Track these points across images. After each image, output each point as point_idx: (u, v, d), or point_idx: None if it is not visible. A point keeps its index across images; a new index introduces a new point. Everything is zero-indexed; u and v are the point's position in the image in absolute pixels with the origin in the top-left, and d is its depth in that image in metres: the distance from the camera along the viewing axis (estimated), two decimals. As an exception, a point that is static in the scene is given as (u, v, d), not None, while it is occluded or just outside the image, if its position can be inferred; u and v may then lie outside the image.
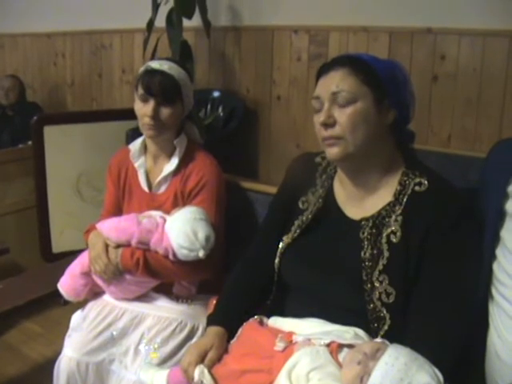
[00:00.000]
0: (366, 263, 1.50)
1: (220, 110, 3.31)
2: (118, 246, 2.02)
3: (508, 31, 2.46)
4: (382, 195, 1.57)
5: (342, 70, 1.53)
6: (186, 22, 3.15)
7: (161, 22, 3.16)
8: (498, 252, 1.50)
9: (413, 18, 2.72)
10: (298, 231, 1.67)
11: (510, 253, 1.46)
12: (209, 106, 3.35)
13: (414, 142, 1.68)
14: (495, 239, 1.51)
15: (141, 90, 2.06)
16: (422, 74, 2.71)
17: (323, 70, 1.59)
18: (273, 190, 1.93)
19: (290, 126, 3.26)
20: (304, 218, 1.68)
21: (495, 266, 1.51)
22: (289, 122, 3.26)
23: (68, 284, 2.15)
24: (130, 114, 2.20)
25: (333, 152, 1.53)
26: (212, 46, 3.52)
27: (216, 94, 3.40)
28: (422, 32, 2.71)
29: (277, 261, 1.70)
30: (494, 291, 1.50)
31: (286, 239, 1.69)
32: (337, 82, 1.52)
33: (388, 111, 1.54)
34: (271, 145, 3.36)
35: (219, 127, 3.24)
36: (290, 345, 1.42)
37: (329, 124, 1.51)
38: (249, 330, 1.58)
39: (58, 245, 3.24)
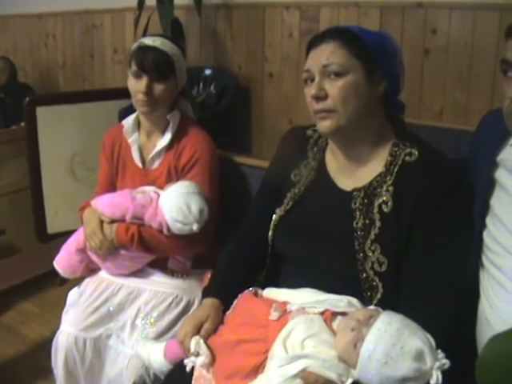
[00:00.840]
0: (358, 233, 1.52)
1: (212, 87, 3.30)
2: (112, 222, 2.03)
3: (498, 4, 2.46)
4: (373, 166, 1.58)
5: (332, 42, 1.53)
6: (176, 0, 3.14)
7: (151, 0, 3.15)
8: (488, 220, 1.52)
9: (403, -8, 2.72)
10: (290, 203, 1.68)
11: (499, 221, 1.47)
12: (201, 84, 3.34)
13: (404, 113, 1.69)
14: (485, 208, 1.53)
15: (134, 67, 2.06)
16: (414, 48, 2.71)
17: (313, 43, 1.59)
18: (265, 164, 1.93)
19: (282, 102, 3.26)
20: (296, 190, 1.69)
21: (485, 235, 1.52)
22: (281, 98, 3.26)
23: (64, 261, 2.16)
24: (122, 94, 2.20)
25: (325, 125, 1.54)
26: (203, 24, 3.51)
27: (208, 71, 3.39)
28: (413, 6, 2.71)
29: (270, 233, 1.71)
30: (484, 259, 1.52)
31: (279, 211, 1.70)
32: (327, 54, 1.52)
33: (379, 83, 1.55)
34: (264, 121, 3.37)
35: (211, 104, 3.23)
36: (284, 314, 1.44)
37: (320, 97, 1.52)
38: (244, 301, 1.59)
39: (53, 225, 3.24)
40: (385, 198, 1.51)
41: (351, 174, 1.62)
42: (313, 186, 1.67)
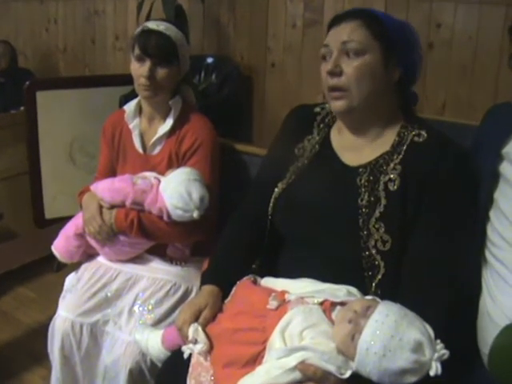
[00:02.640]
0: (363, 210, 1.51)
1: (214, 76, 3.28)
2: (112, 207, 2.02)
3: (505, -1, 2.45)
4: (379, 145, 1.59)
5: (354, 21, 1.54)
6: (180, -13, 3.14)
7: (155, -14, 3.14)
8: (492, 214, 1.52)
9: (409, -15, 2.70)
10: (292, 177, 1.67)
11: (503, 214, 1.47)
12: (203, 72, 3.32)
13: (416, 104, 1.69)
14: (489, 201, 1.53)
15: (137, 50, 2.04)
16: None
17: (335, 21, 1.59)
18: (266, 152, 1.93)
19: (284, 92, 3.24)
20: (299, 164, 1.68)
21: (489, 228, 1.52)
22: (283, 88, 3.24)
23: (62, 245, 2.16)
24: (123, 80, 2.19)
25: (338, 104, 1.55)
26: (206, 12, 3.48)
27: (210, 60, 3.36)
28: (418, -1, 2.70)
29: (270, 206, 1.69)
30: (487, 253, 1.52)
31: (281, 185, 1.68)
32: (348, 32, 1.53)
33: (395, 69, 1.55)
34: (265, 111, 3.35)
35: (213, 93, 3.22)
36: (283, 303, 1.43)
37: (335, 73, 1.53)
38: (242, 288, 1.59)
39: (51, 211, 3.24)
40: (392, 176, 1.51)
41: (357, 150, 1.61)
42: (317, 160, 1.66)
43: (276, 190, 1.69)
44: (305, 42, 3.07)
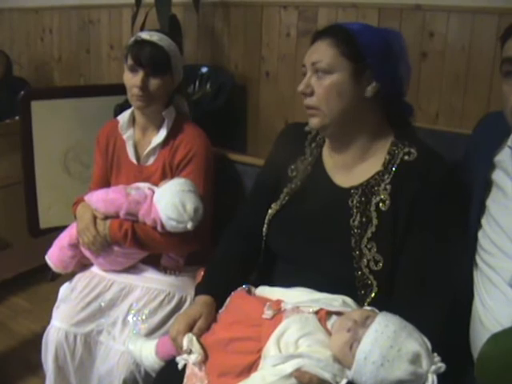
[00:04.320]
0: (355, 230, 1.52)
1: (208, 85, 3.29)
2: (106, 218, 2.02)
3: (497, 8, 2.46)
4: (371, 165, 1.59)
5: (326, 40, 1.56)
6: (175, -3, 3.14)
7: (149, -4, 3.15)
8: (483, 221, 1.53)
9: (402, -5, 2.71)
10: (286, 198, 1.69)
11: (494, 221, 1.48)
12: (197, 82, 3.32)
13: (411, 115, 1.69)
14: (481, 208, 1.54)
15: (130, 61, 2.05)
16: (411, 50, 2.63)
17: (313, 38, 1.62)
18: (260, 162, 1.94)
19: (278, 102, 3.25)
20: (293, 186, 1.70)
21: (480, 235, 1.53)
22: (277, 97, 3.25)
23: (56, 256, 2.15)
24: (118, 90, 2.19)
25: (313, 122, 1.59)
26: (201, 22, 3.50)
27: (204, 69, 3.37)
28: (411, 9, 2.71)
29: (265, 228, 1.71)
30: (478, 259, 1.53)
31: (275, 206, 1.70)
32: (318, 52, 1.56)
33: (369, 83, 1.55)
34: (259, 121, 3.36)
35: (207, 103, 3.22)
36: (278, 313, 1.43)
37: (306, 93, 1.57)
38: (237, 298, 1.59)
39: (46, 220, 3.22)
40: (382, 197, 1.52)
41: (348, 171, 1.63)
42: (309, 182, 1.68)
43: (270, 211, 1.71)
44: (299, 52, 3.08)
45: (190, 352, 1.49)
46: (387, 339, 1.25)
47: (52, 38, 4.61)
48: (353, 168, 1.62)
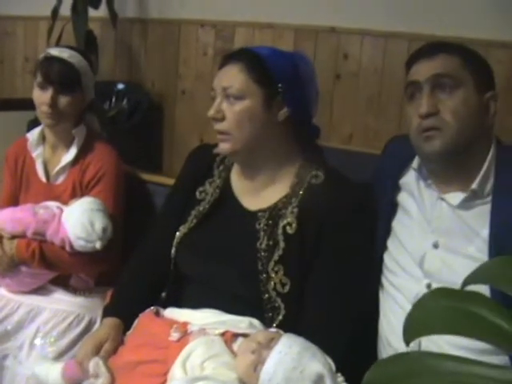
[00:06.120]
0: (262, 254, 1.53)
1: (124, 102, 3.25)
2: (13, 238, 1.97)
3: (408, 34, 2.53)
4: (279, 187, 1.60)
5: (236, 65, 1.56)
6: (92, 12, 3.11)
7: (67, 10, 3.11)
8: (389, 243, 1.57)
9: (317, 17, 2.75)
10: (194, 221, 1.68)
11: (399, 242, 1.53)
12: (113, 98, 3.29)
13: (318, 137, 1.71)
14: (387, 230, 1.58)
15: (39, 78, 2.02)
16: (326, 72, 2.75)
17: (223, 62, 1.61)
18: (172, 182, 1.93)
19: (193, 120, 3.23)
20: (201, 208, 1.69)
21: (386, 256, 1.57)
22: (193, 116, 3.23)
23: (-41, 277, 2.08)
24: (31, 104, 2.14)
25: (222, 147, 1.58)
26: (118, 38, 3.47)
27: (121, 86, 3.33)
28: (326, 31, 2.75)
29: (173, 250, 1.69)
30: (383, 280, 1.57)
31: (183, 229, 1.69)
32: (228, 77, 1.56)
33: (280, 109, 1.56)
34: (175, 139, 3.34)
35: (123, 120, 3.19)
36: (184, 335, 1.43)
37: (217, 119, 1.55)
38: (144, 320, 1.58)
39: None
40: (289, 220, 1.53)
41: (256, 194, 1.63)
42: (218, 205, 1.68)
43: (178, 233, 1.69)
44: (215, 71, 3.06)
45: (96, 376, 1.47)
46: (291, 360, 1.26)
47: (-37, 48, 4.47)
48: (261, 191, 1.63)
